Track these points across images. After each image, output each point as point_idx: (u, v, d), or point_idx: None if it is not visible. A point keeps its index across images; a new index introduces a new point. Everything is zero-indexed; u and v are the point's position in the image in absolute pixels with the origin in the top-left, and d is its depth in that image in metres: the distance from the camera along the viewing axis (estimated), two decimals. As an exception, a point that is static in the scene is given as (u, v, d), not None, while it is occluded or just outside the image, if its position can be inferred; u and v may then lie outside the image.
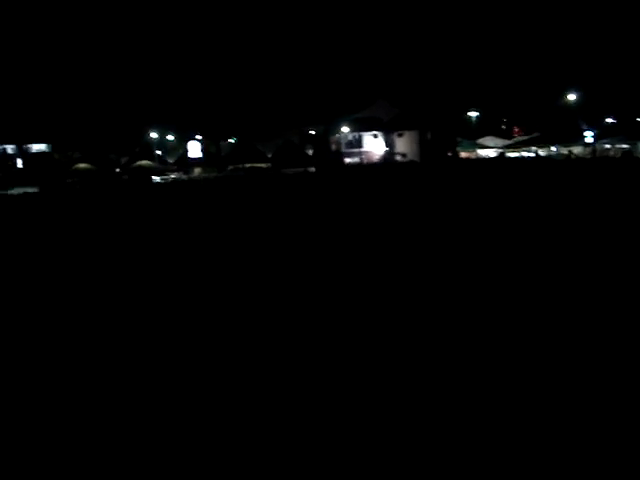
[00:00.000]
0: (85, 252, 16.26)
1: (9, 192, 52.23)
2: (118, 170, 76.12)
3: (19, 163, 77.63)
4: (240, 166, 78.44)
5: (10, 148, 79.41)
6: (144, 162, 72.28)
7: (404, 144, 76.81)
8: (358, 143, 78.98)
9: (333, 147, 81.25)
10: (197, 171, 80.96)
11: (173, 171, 76.75)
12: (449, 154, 74.69)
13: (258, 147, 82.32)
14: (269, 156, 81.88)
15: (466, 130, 79.47)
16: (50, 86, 72.48)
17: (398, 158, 74.75)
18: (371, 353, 6.88)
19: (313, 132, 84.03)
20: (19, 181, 63.31)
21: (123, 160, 79.33)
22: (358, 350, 7.04)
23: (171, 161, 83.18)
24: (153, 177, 68.58)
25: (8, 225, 26.28)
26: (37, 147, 79.46)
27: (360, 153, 77.81)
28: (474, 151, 77.46)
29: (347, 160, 76.67)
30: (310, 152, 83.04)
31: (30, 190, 53.93)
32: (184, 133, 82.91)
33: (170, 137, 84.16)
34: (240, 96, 79.42)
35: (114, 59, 73.94)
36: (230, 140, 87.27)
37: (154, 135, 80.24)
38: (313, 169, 69.35)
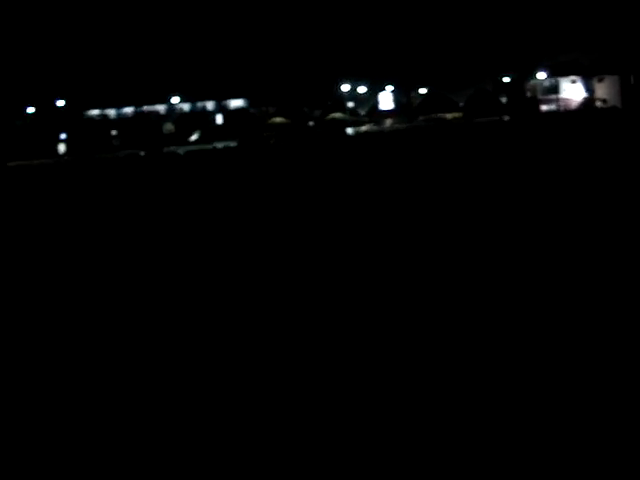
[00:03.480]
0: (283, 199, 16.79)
1: (213, 146, 54.89)
2: (311, 123, 77.61)
3: (219, 119, 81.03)
4: (432, 116, 77.50)
5: (210, 105, 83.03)
6: (337, 114, 73.20)
7: (604, 90, 72.61)
8: (555, 89, 75.56)
9: (528, 94, 78.26)
10: (388, 122, 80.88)
11: (365, 123, 77.18)
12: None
13: (450, 96, 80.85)
14: (461, 105, 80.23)
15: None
16: (244, 43, 74.67)
17: (598, 104, 70.86)
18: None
19: (507, 79, 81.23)
20: (220, 136, 66.34)
21: (316, 113, 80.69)
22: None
23: (362, 113, 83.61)
24: (346, 129, 69.31)
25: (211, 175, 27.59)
26: (235, 103, 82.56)
27: (557, 100, 74.48)
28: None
29: (543, 107, 73.66)
30: (504, 100, 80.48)
31: (230, 144, 56.33)
32: (375, 84, 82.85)
33: (362, 89, 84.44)
34: (431, 45, 78.06)
35: (305, 15, 74.95)
36: (421, 90, 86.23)
37: (346, 87, 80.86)
38: (507, 118, 67.29)
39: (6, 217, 21.25)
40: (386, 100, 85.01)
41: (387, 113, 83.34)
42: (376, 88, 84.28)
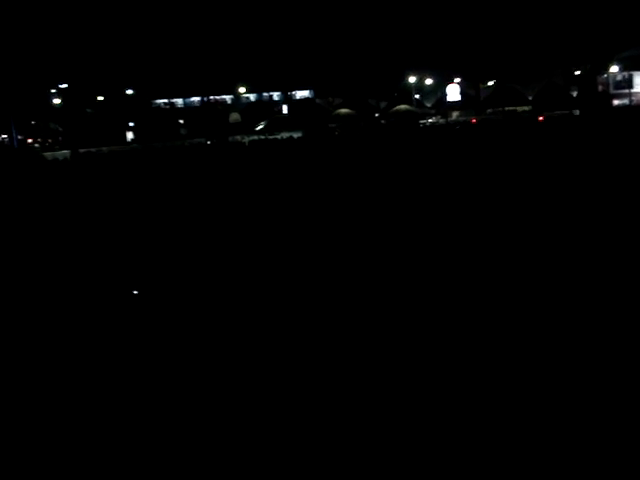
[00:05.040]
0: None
1: (278, 136, 55.07)
2: (377, 115, 77.30)
3: (284, 109, 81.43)
4: (499, 109, 76.39)
5: (276, 95, 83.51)
6: (403, 106, 72.72)
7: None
8: (628, 83, 73.64)
9: (600, 88, 76.46)
10: (455, 114, 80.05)
11: (431, 115, 76.54)
12: None
13: (518, 89, 79.56)
14: (530, 98, 78.88)
15: None
16: (312, 34, 74.81)
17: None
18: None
19: (578, 72, 79.56)
20: (285, 126, 66.59)
21: (382, 105, 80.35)
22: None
23: (429, 105, 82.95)
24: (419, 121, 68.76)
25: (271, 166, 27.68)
26: (301, 94, 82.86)
27: (630, 94, 72.60)
28: None
29: (615, 102, 71.89)
30: (574, 94, 78.83)
31: (295, 135, 56.41)
32: (443, 76, 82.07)
33: (428, 81, 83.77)
34: (501, 36, 76.96)
35: (373, 6, 74.70)
36: (489, 82, 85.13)
37: (412, 79, 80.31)
38: (577, 112, 65.88)
39: (77, 202, 21.64)
40: (453, 92, 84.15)
41: (454, 105, 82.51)
42: (443, 80, 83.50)
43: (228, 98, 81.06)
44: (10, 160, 48.53)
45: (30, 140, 73.50)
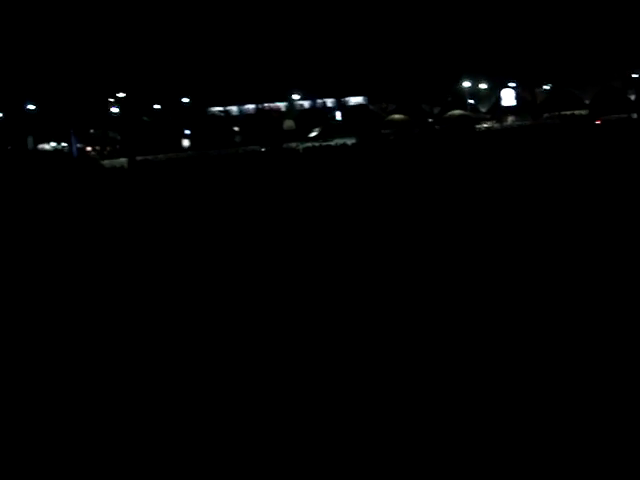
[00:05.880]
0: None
1: (332, 143, 55.23)
2: (431, 120, 76.96)
3: (338, 115, 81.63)
4: (556, 113, 75.35)
5: (330, 102, 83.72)
6: (456, 111, 72.29)
7: None
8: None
9: (659, 91, 74.87)
10: (510, 119, 79.20)
11: (486, 120, 75.87)
12: None
13: (575, 93, 78.43)
14: (586, 102, 77.66)
15: None
16: (365, 40, 74.87)
17: None
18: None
19: (636, 75, 78.06)
20: (339, 133, 66.72)
21: (435, 110, 79.96)
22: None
23: (483, 110, 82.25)
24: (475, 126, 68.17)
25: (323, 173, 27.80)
26: (354, 100, 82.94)
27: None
28: None
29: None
30: (632, 97, 77.36)
31: (348, 141, 56.49)
32: (497, 81, 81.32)
33: (483, 85, 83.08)
34: (557, 39, 75.95)
35: (426, 12, 74.41)
36: (545, 86, 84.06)
37: (467, 84, 79.77)
38: (635, 115, 64.65)
39: (136, 208, 22.05)
40: (508, 97, 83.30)
41: (509, 110, 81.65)
42: (498, 84, 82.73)
43: (282, 105, 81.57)
44: (70, 168, 49.59)
45: (89, 148, 74.98)
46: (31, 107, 73.43)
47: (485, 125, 72.75)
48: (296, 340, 7.35)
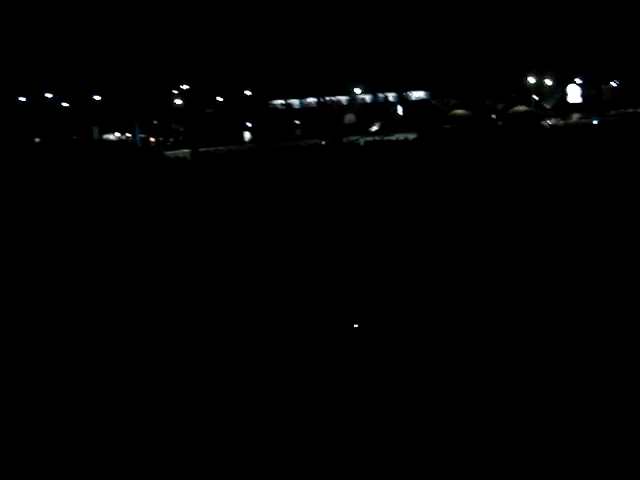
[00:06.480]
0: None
1: (392, 137, 55.05)
2: (494, 116, 76.04)
3: (399, 110, 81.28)
4: (623, 111, 73.75)
5: (392, 96, 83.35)
6: (521, 108, 71.28)
7: None
8: None
9: None
10: (575, 117, 77.77)
11: (550, 117, 74.64)
12: None
13: (643, 90, 76.57)
14: (657, 100, 75.78)
15: None
16: (428, 36, 74.37)
17: None
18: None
19: None
20: (400, 127, 66.53)
21: (499, 106, 78.95)
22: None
23: (547, 106, 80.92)
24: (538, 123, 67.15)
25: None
26: (416, 94, 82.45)
27: None
28: None
29: None
30: None
31: (410, 136, 56.20)
32: (563, 77, 79.92)
33: (548, 81, 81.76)
34: (624, 35, 74.27)
35: (489, 6, 73.46)
36: (612, 83, 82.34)
37: (532, 80, 78.59)
38: None
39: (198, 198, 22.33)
40: (575, 93, 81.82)
41: (575, 107, 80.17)
42: (564, 80, 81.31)
43: (343, 99, 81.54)
44: (134, 158, 50.43)
45: (152, 139, 76.12)
46: (97, 98, 74.82)
47: (549, 122, 71.57)
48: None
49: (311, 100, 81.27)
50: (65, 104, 75.44)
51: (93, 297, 10.07)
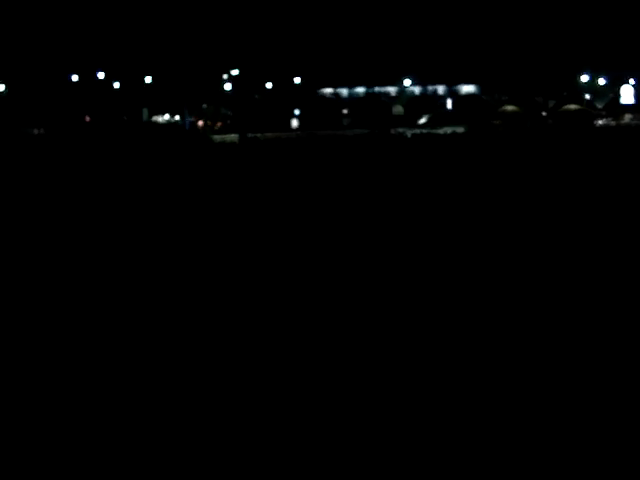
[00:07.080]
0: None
1: (440, 131, 54.86)
2: (544, 113, 75.14)
3: (449, 104, 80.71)
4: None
5: (441, 89, 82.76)
6: (572, 106, 70.28)
7: None
8: None
9: None
10: (627, 117, 76.47)
11: (601, 116, 73.52)
12: None
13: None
14: None
15: None
16: (480, 30, 73.69)
17: None
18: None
19: None
20: (448, 121, 66.09)
21: (550, 104, 77.97)
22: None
23: (599, 106, 79.68)
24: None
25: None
26: (466, 88, 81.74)
27: None
28: None
29: None
30: None
31: (458, 130, 55.88)
32: (617, 77, 78.58)
33: (601, 81, 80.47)
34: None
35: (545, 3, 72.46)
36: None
37: (585, 78, 77.44)
38: None
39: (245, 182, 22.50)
40: (628, 94, 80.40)
41: (628, 108, 78.81)
42: (617, 80, 79.97)
43: (392, 90, 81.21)
44: (181, 141, 50.86)
45: (200, 123, 76.63)
46: (148, 79, 75.52)
47: (601, 122, 70.51)
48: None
49: (360, 90, 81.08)
50: (116, 85, 76.29)
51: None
